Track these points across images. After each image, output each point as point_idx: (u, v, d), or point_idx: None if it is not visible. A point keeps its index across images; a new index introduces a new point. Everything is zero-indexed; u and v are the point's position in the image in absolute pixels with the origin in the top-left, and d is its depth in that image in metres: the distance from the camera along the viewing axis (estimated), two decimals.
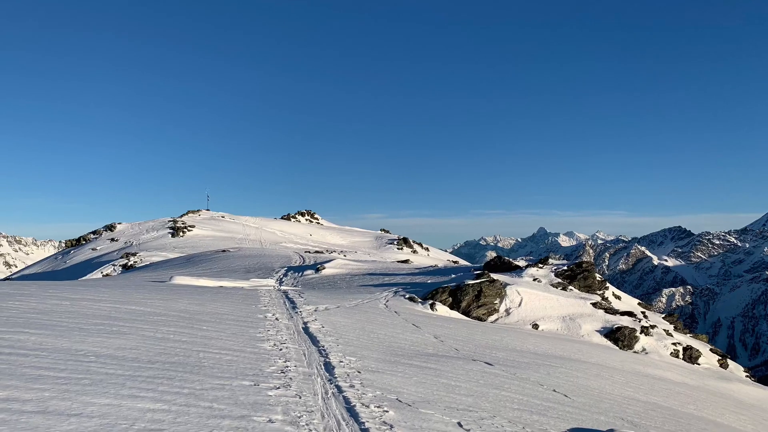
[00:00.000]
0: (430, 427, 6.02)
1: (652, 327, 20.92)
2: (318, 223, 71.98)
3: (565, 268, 24.33)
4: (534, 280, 22.61)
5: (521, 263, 26.60)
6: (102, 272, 35.36)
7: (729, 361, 21.68)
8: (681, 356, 19.77)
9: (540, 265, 24.68)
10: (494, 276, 21.72)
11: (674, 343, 20.20)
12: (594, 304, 21.23)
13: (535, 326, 19.07)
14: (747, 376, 21.80)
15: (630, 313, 21.73)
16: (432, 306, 18.53)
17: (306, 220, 72.56)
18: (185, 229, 51.55)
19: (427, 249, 58.38)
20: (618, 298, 24.53)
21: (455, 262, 48.01)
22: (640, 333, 19.82)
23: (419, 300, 19.12)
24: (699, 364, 19.79)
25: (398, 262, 34.86)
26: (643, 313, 23.19)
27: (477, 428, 6.32)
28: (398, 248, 53.41)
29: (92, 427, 4.44)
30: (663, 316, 25.40)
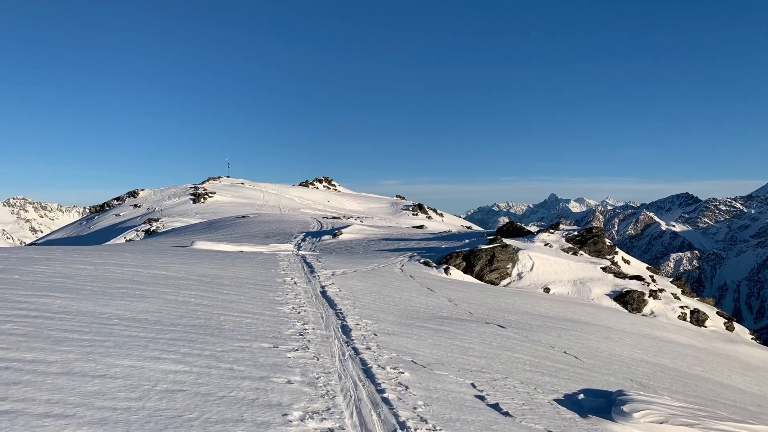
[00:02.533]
0: (445, 387, 6.12)
1: (660, 291, 21.03)
2: (335, 189, 71.98)
3: (576, 233, 24.38)
4: (545, 245, 22.70)
5: (533, 229, 26.66)
6: (125, 237, 35.69)
7: (735, 324, 21.80)
8: (688, 319, 19.91)
9: (551, 231, 24.74)
10: (507, 241, 21.82)
11: (682, 307, 20.32)
12: (604, 269, 21.32)
13: (547, 290, 19.22)
14: (752, 339, 21.95)
15: (639, 278, 21.82)
16: (446, 270, 18.67)
17: (323, 186, 72.52)
18: (206, 196, 51.84)
19: (441, 215, 58.40)
20: (627, 262, 24.58)
21: (469, 227, 48.05)
22: (649, 296, 19.94)
23: (434, 264, 19.26)
24: (706, 327, 19.93)
25: (413, 227, 34.93)
26: (651, 277, 23.27)
27: (490, 389, 6.43)
28: (413, 214, 53.43)
29: (116, 388, 4.49)
30: (671, 280, 25.47)
